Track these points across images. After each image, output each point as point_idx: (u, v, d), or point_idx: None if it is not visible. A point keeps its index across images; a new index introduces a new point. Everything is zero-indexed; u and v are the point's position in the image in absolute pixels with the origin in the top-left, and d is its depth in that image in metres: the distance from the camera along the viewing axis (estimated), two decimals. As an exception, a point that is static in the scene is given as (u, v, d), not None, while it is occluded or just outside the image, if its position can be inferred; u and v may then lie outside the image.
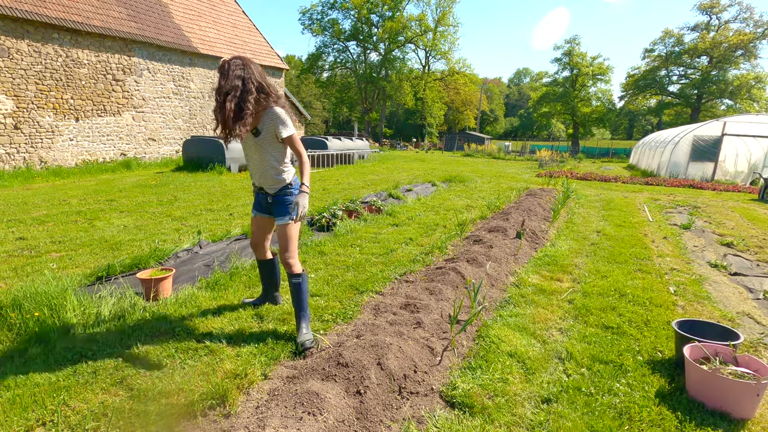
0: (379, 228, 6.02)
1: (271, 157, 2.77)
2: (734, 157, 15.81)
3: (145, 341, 2.73)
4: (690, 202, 9.96)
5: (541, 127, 70.09)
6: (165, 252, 4.29)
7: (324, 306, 3.34)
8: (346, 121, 59.73)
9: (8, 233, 5.35)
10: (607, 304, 3.55)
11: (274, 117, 2.68)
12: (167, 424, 1.97)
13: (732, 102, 39.74)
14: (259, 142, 2.74)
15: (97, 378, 2.34)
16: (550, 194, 9.23)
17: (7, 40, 11.34)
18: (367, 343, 2.51)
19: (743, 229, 7.02)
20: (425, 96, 46.67)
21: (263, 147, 2.75)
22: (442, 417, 2.12)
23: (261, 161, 2.79)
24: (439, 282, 3.74)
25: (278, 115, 2.67)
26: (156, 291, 3.34)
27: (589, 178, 14.96)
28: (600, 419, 2.12)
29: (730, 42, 37.29)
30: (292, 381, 2.26)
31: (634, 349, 2.84)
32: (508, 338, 2.90)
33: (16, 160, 11.82)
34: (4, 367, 2.42)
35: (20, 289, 3.07)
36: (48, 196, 8.16)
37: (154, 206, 7.33)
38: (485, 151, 33.05)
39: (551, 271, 4.43)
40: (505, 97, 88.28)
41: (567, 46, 46.11)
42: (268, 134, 2.72)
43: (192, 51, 16.63)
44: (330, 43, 45.18)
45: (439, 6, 43.92)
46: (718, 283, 4.33)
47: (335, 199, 7.44)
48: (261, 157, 2.78)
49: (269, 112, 2.68)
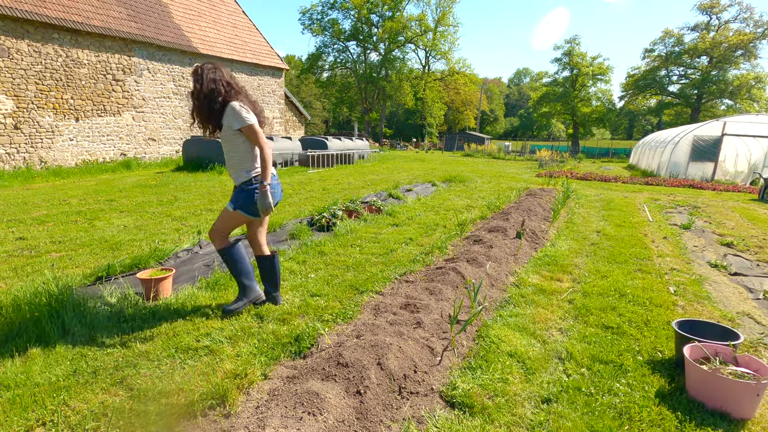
0: (379, 228, 6.02)
1: (233, 151, 2.96)
2: (734, 157, 15.81)
3: (145, 341, 2.73)
4: (690, 202, 9.96)
5: (541, 127, 70.09)
6: (165, 252, 4.29)
7: (324, 306, 3.34)
8: (346, 121, 59.73)
9: (8, 233, 5.35)
10: (607, 304, 3.55)
11: (229, 111, 2.87)
12: (167, 424, 1.97)
13: (732, 102, 39.75)
14: (222, 136, 2.96)
15: (97, 378, 2.34)
16: (550, 194, 9.23)
17: (7, 40, 11.34)
18: (367, 343, 2.51)
19: (743, 229, 7.02)
20: (425, 96, 46.67)
21: (226, 141, 2.95)
22: (442, 417, 2.12)
23: (227, 154, 3.00)
24: (439, 282, 3.74)
25: (232, 108, 2.85)
26: (156, 291, 3.34)
27: (589, 178, 14.96)
28: (600, 419, 2.12)
29: (730, 42, 37.30)
30: (292, 381, 2.26)
31: (634, 349, 2.84)
32: (508, 338, 2.90)
33: (16, 160, 11.82)
34: (4, 367, 2.42)
35: (20, 289, 3.07)
36: (48, 196, 8.16)
37: (154, 206, 7.33)
38: (485, 151, 33.05)
39: (551, 271, 4.43)
40: (505, 97, 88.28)
41: (567, 46, 46.17)
42: (227, 128, 2.92)
43: (192, 51, 16.63)
44: (330, 43, 45.21)
45: (439, 6, 43.96)
46: (718, 283, 4.33)
47: (335, 199, 7.44)
48: (226, 151, 2.99)
49: (227, 107, 2.89)
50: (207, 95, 2.86)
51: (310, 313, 3.19)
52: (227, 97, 2.90)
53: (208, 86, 2.86)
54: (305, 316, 3.16)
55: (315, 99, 54.03)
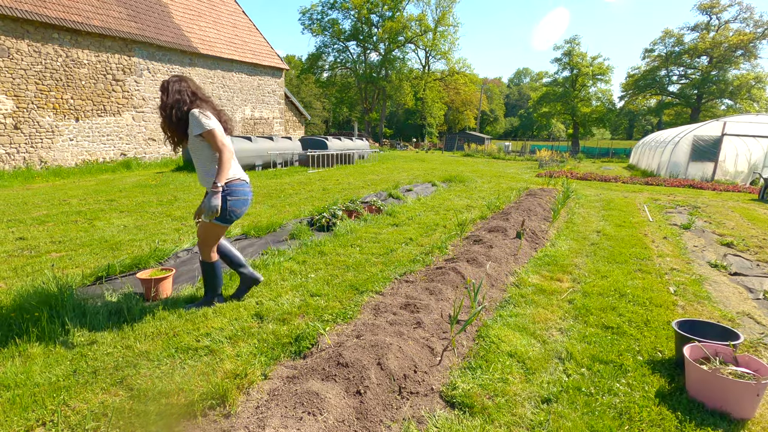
0: (379, 228, 6.02)
1: (199, 158, 3.01)
2: (734, 157, 15.81)
3: (145, 341, 2.73)
4: (690, 202, 9.96)
5: (541, 127, 70.08)
6: (165, 252, 4.29)
7: (324, 306, 3.34)
8: (346, 121, 59.73)
9: (8, 233, 5.35)
10: (607, 304, 3.55)
11: (190, 118, 2.91)
12: (167, 424, 1.97)
13: (732, 102, 39.75)
14: (189, 146, 3.03)
15: (97, 378, 2.34)
16: (550, 194, 9.23)
17: (7, 40, 11.34)
18: (367, 343, 2.51)
19: (743, 229, 7.02)
20: (425, 96, 46.67)
21: (192, 149, 3.02)
22: (442, 417, 2.12)
23: (195, 162, 3.06)
24: (439, 282, 3.74)
25: (192, 114, 2.90)
26: (156, 291, 3.34)
27: (589, 178, 14.96)
28: (600, 419, 2.12)
29: (730, 42, 37.30)
30: (292, 381, 2.26)
31: (634, 349, 2.84)
32: (508, 338, 2.90)
33: (16, 160, 11.83)
34: (4, 367, 2.42)
35: (20, 289, 3.07)
36: (48, 196, 8.16)
37: (154, 206, 7.33)
38: (485, 151, 33.05)
39: (551, 271, 4.43)
40: (505, 97, 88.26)
41: (567, 46, 46.16)
42: (190, 136, 2.97)
43: (192, 51, 16.63)
44: (330, 43, 45.21)
45: (439, 6, 43.97)
46: (718, 283, 4.33)
47: (335, 199, 7.44)
48: (194, 159, 3.05)
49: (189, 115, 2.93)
50: (172, 106, 2.92)
51: (310, 313, 3.19)
52: (191, 106, 2.96)
53: (174, 97, 2.92)
54: (305, 316, 3.16)
55: (315, 99, 54.02)
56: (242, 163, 13.26)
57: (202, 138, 2.92)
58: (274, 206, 7.56)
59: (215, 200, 2.82)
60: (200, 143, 2.95)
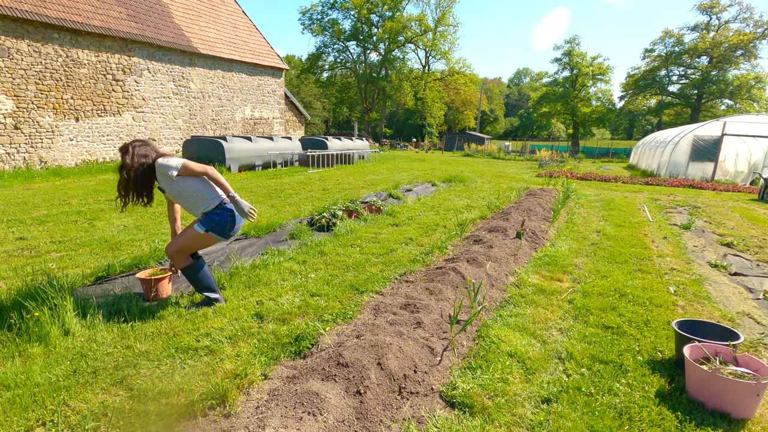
0: (379, 228, 6.02)
1: (186, 196, 3.07)
2: (734, 157, 15.81)
3: (145, 341, 2.73)
4: (690, 202, 9.96)
5: (541, 127, 70.06)
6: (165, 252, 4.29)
7: (324, 306, 3.34)
8: (346, 121, 59.74)
9: (8, 233, 5.35)
10: (607, 304, 3.55)
11: (157, 169, 3.00)
12: (167, 424, 1.97)
13: (732, 102, 39.77)
14: (168, 195, 3.14)
15: (97, 378, 2.34)
16: (550, 194, 9.23)
17: (7, 40, 11.34)
18: (367, 343, 2.51)
19: (743, 229, 7.02)
20: (425, 96, 46.67)
21: (174, 196, 3.10)
22: (442, 417, 2.12)
23: (183, 204, 3.13)
24: (439, 282, 3.74)
25: (158, 164, 2.99)
26: (156, 291, 3.34)
27: (589, 178, 14.96)
28: (600, 419, 2.12)
29: (730, 42, 37.31)
30: (292, 381, 2.26)
31: (634, 349, 2.84)
32: (508, 338, 2.90)
33: (16, 160, 11.83)
34: (4, 367, 2.42)
35: (20, 289, 3.07)
36: (48, 196, 8.16)
37: (154, 206, 7.31)
38: (485, 151, 33.05)
39: (551, 271, 4.43)
40: (505, 97, 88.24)
41: (567, 46, 46.18)
42: (166, 184, 3.05)
43: (192, 51, 16.64)
44: (330, 43, 45.20)
45: (438, 6, 43.97)
46: (718, 283, 4.33)
47: (335, 199, 7.44)
48: (181, 202, 3.14)
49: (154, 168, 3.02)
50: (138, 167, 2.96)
51: (310, 313, 3.19)
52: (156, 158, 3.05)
53: (139, 161, 2.98)
54: (305, 316, 3.16)
55: (315, 99, 54.03)
56: (242, 163, 13.26)
57: (180, 177, 2.99)
58: (274, 206, 7.56)
59: (242, 202, 3.01)
60: (181, 182, 3.01)
